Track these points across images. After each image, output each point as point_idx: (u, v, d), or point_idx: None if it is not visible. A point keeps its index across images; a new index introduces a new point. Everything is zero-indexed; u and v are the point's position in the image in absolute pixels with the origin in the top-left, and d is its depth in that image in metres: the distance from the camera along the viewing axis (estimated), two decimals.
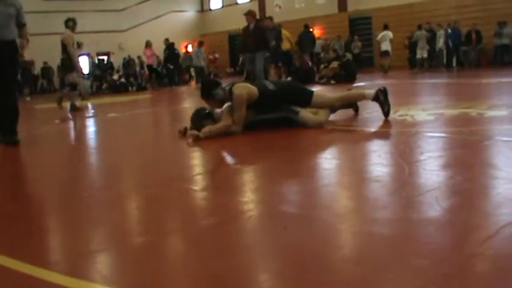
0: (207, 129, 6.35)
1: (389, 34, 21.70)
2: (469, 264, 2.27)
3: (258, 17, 15.41)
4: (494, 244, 2.43)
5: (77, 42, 19.10)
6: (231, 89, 6.52)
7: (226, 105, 6.66)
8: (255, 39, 13.51)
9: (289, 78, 17.22)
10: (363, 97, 7.05)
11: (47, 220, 3.67)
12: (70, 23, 12.80)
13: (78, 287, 2.35)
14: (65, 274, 2.50)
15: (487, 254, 2.35)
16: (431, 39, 21.61)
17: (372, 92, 6.83)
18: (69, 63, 12.97)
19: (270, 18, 16.89)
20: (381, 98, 6.71)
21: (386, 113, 6.71)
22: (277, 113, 6.60)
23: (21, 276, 2.50)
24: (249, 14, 13.79)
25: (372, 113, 7.16)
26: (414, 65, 22.60)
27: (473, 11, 21.71)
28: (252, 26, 13.66)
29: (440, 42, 21.34)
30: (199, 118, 6.64)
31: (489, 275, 2.20)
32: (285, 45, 17.62)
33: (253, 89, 6.57)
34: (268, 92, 6.64)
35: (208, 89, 6.61)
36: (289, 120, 6.53)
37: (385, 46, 21.77)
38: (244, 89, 6.55)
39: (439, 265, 2.26)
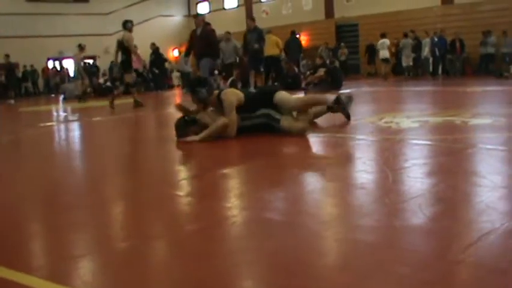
0: (204, 133, 6.51)
1: (387, 42, 21.92)
2: (451, 272, 2.28)
3: (244, 22, 14.97)
4: (476, 252, 2.45)
5: (80, 45, 19.13)
6: (219, 94, 6.58)
7: (209, 109, 6.71)
8: (201, 44, 12.85)
9: (276, 84, 17.25)
10: (325, 102, 6.93)
11: (29, 224, 3.64)
12: (129, 24, 13.36)
13: None
14: (47, 279, 2.49)
15: (468, 262, 2.36)
16: (417, 47, 21.74)
17: (331, 98, 6.76)
18: (128, 64, 13.36)
19: (252, 18, 16.17)
20: (334, 107, 6.73)
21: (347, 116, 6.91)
22: (260, 119, 6.61)
23: (2, 281, 2.48)
24: (199, 18, 13.28)
25: (357, 119, 7.18)
26: (399, 73, 22.71)
27: (459, 20, 21.89)
28: (199, 30, 12.98)
29: (425, 51, 21.49)
30: (185, 125, 6.67)
31: (471, 283, 2.22)
32: (274, 51, 17.53)
33: (240, 94, 6.72)
34: (251, 95, 6.87)
35: (194, 85, 6.80)
36: (272, 127, 6.54)
37: (384, 54, 22.00)
38: (233, 95, 6.68)
39: (422, 273, 2.27)
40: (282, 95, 6.69)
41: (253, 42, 15.26)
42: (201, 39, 12.84)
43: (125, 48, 13.24)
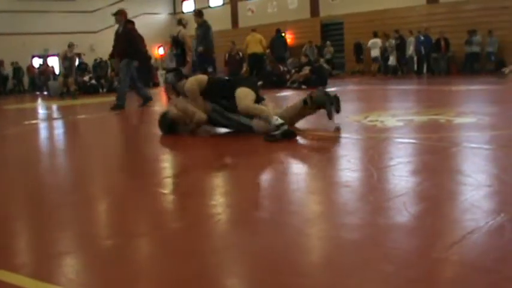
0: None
1: (378, 42, 22.09)
2: (434, 270, 2.28)
3: (230, 21, 14.47)
4: (460, 250, 2.45)
5: (69, 44, 19.10)
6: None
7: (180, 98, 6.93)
8: (120, 44, 11.90)
9: (260, 83, 17.21)
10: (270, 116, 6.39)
11: (13, 222, 3.61)
12: (184, 21, 13.72)
13: None
14: (31, 277, 2.47)
15: (452, 260, 2.37)
16: (400, 46, 21.88)
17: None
18: (183, 59, 13.47)
19: (198, 13, 14.26)
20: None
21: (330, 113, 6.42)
22: (232, 123, 6.57)
23: None
24: (118, 14, 12.08)
25: (341, 118, 7.18)
26: (386, 72, 22.82)
27: (444, 19, 21.96)
28: (120, 28, 12.01)
29: (410, 49, 21.59)
30: (167, 121, 6.89)
31: (455, 281, 2.22)
32: (258, 49, 17.51)
33: (202, 78, 6.85)
34: (218, 79, 7.09)
35: (167, 72, 7.28)
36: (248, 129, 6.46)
37: (375, 53, 22.18)
38: (194, 81, 6.80)
39: (405, 270, 2.27)
40: (239, 94, 6.42)
41: (198, 40, 14.02)
42: (120, 39, 11.94)
43: (179, 43, 13.38)
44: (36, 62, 29.78)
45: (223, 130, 6.75)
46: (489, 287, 2.11)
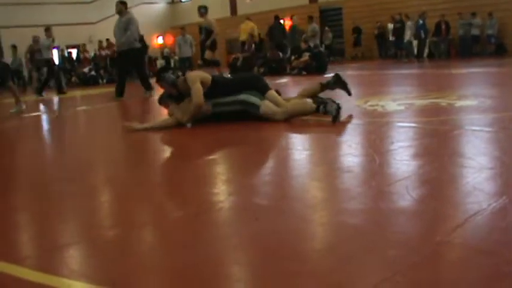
0: (186, 118, 6.54)
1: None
2: (437, 254, 2.27)
3: (228, 8, 14.72)
4: (463, 233, 2.45)
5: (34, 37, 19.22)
6: (185, 76, 6.64)
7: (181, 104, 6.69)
8: None
9: (262, 70, 17.22)
10: (317, 92, 6.99)
11: (14, 214, 3.60)
12: (203, 10, 14.85)
13: (48, 282, 2.31)
14: (34, 269, 2.47)
15: (455, 243, 2.36)
16: (400, 30, 21.79)
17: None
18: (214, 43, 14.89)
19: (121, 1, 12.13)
20: (334, 82, 6.99)
21: (348, 92, 7.07)
22: (235, 106, 6.49)
23: None
24: None
25: (341, 103, 7.16)
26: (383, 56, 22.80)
27: (443, 2, 21.85)
28: None
29: (408, 34, 21.47)
30: (163, 97, 6.98)
31: (458, 264, 2.21)
32: (246, 37, 17.65)
33: (206, 75, 6.68)
34: (223, 79, 6.91)
35: (159, 73, 6.87)
36: (248, 113, 6.44)
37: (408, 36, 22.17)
38: (197, 72, 6.90)
39: (407, 255, 2.27)
40: (272, 95, 6.50)
41: (119, 34, 11.90)
42: None
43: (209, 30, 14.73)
44: None
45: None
46: (492, 270, 2.11)
